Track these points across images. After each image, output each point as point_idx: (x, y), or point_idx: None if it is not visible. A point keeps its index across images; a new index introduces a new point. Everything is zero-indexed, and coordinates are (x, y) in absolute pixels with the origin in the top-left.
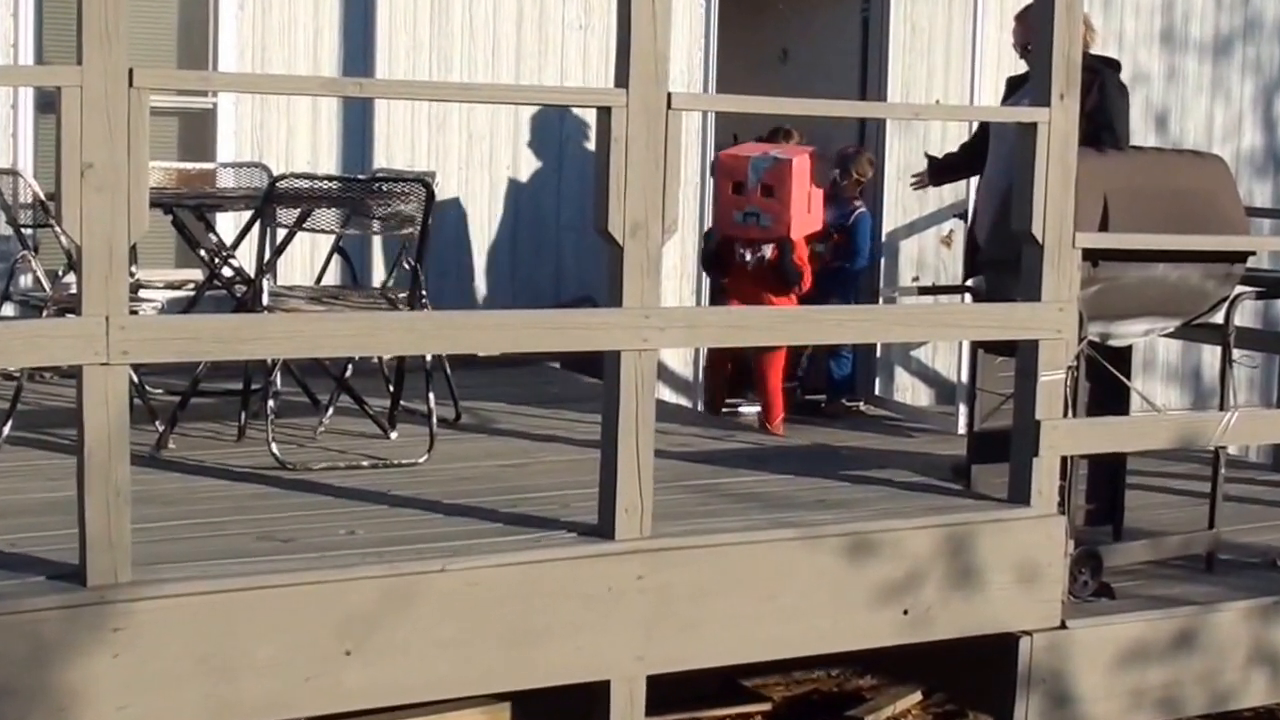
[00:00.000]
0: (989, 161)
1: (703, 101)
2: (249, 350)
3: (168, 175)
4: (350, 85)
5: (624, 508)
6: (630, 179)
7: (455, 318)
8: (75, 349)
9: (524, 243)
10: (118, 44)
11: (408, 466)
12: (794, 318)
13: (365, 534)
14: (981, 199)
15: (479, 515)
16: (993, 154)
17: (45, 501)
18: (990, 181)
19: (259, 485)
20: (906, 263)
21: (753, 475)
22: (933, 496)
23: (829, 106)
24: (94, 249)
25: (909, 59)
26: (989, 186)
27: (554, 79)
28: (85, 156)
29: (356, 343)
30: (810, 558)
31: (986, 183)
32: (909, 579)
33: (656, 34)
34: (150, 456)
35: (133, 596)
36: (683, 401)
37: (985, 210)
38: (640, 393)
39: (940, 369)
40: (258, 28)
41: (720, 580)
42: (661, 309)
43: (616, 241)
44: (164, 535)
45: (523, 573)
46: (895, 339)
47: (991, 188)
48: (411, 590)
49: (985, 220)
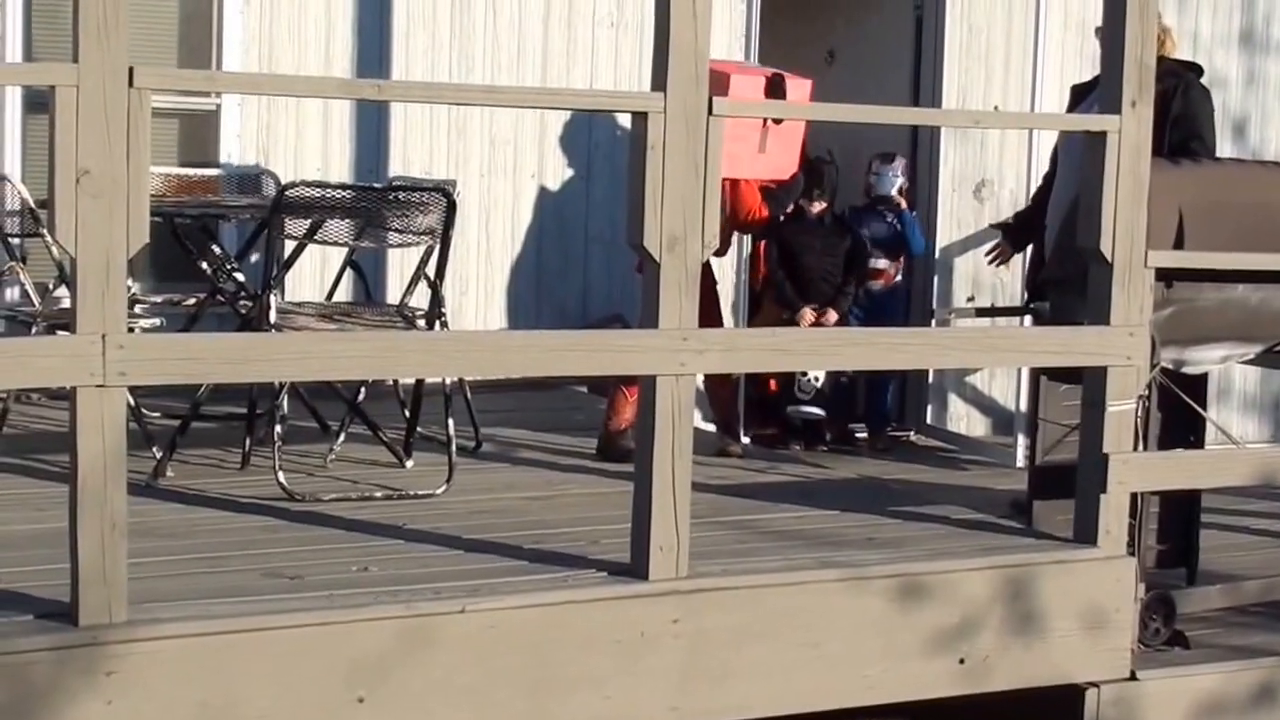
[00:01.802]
0: (1057, 178)
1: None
2: (256, 372)
3: (167, 182)
4: (368, 87)
5: (658, 545)
6: (668, 189)
7: (478, 338)
8: (68, 369)
9: (550, 256)
10: (117, 40)
11: (424, 498)
12: (844, 340)
13: (378, 571)
14: (1050, 216)
15: (501, 552)
16: (1061, 169)
17: (32, 533)
18: (1057, 197)
19: (264, 518)
20: (961, 281)
21: (795, 511)
22: (990, 535)
23: (880, 113)
24: (90, 261)
25: (966, 62)
26: (1056, 203)
27: (583, 79)
28: (81, 162)
29: (372, 364)
30: (858, 601)
31: (1054, 200)
32: (965, 625)
33: (697, 33)
34: (147, 485)
35: (128, 637)
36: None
37: (1052, 228)
38: (677, 420)
39: (997, 396)
40: (265, 23)
41: (761, 625)
42: (700, 330)
43: (652, 257)
44: (161, 571)
45: (548, 615)
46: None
47: (1059, 204)
48: (428, 632)
49: (1049, 240)
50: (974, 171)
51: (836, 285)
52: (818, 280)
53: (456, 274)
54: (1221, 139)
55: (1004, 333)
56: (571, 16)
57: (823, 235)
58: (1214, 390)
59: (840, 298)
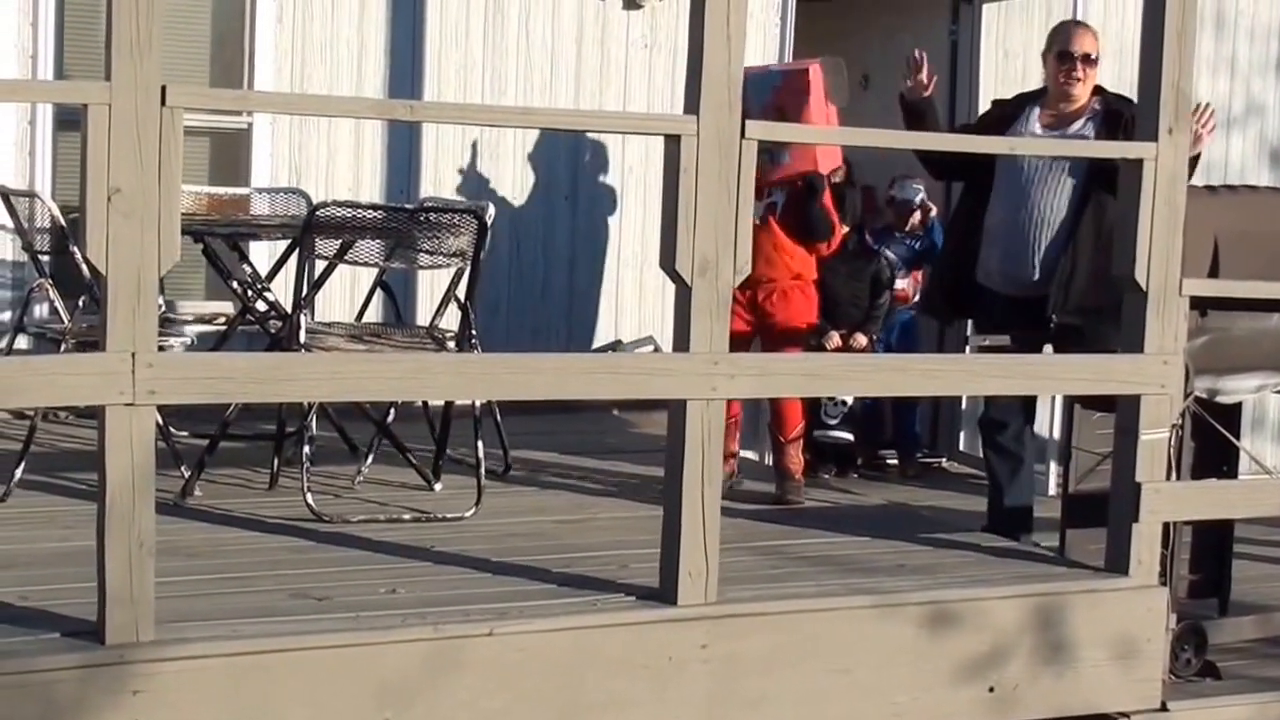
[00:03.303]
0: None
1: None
2: (287, 392)
3: (198, 201)
4: (400, 108)
5: (688, 570)
6: (700, 213)
7: (509, 361)
8: (98, 388)
9: (581, 278)
10: (149, 58)
11: (453, 521)
12: (878, 366)
13: (406, 593)
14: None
15: (529, 575)
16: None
17: (59, 551)
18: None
19: (292, 538)
20: None
21: (826, 537)
22: (1021, 563)
23: (914, 139)
24: (120, 279)
25: (1001, 87)
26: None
27: (616, 101)
28: (112, 180)
29: (402, 386)
30: (888, 628)
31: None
32: (995, 653)
33: (730, 57)
34: (174, 505)
35: (155, 657)
36: (748, 454)
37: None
38: (707, 445)
39: None
40: (297, 43)
41: (790, 651)
42: (731, 355)
43: (684, 280)
44: (189, 591)
45: (576, 639)
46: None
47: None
48: (456, 655)
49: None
50: None
51: (863, 308)
52: (845, 304)
53: (487, 295)
54: (1259, 166)
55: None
56: (605, 37)
57: (847, 259)
58: (1248, 420)
59: (868, 321)
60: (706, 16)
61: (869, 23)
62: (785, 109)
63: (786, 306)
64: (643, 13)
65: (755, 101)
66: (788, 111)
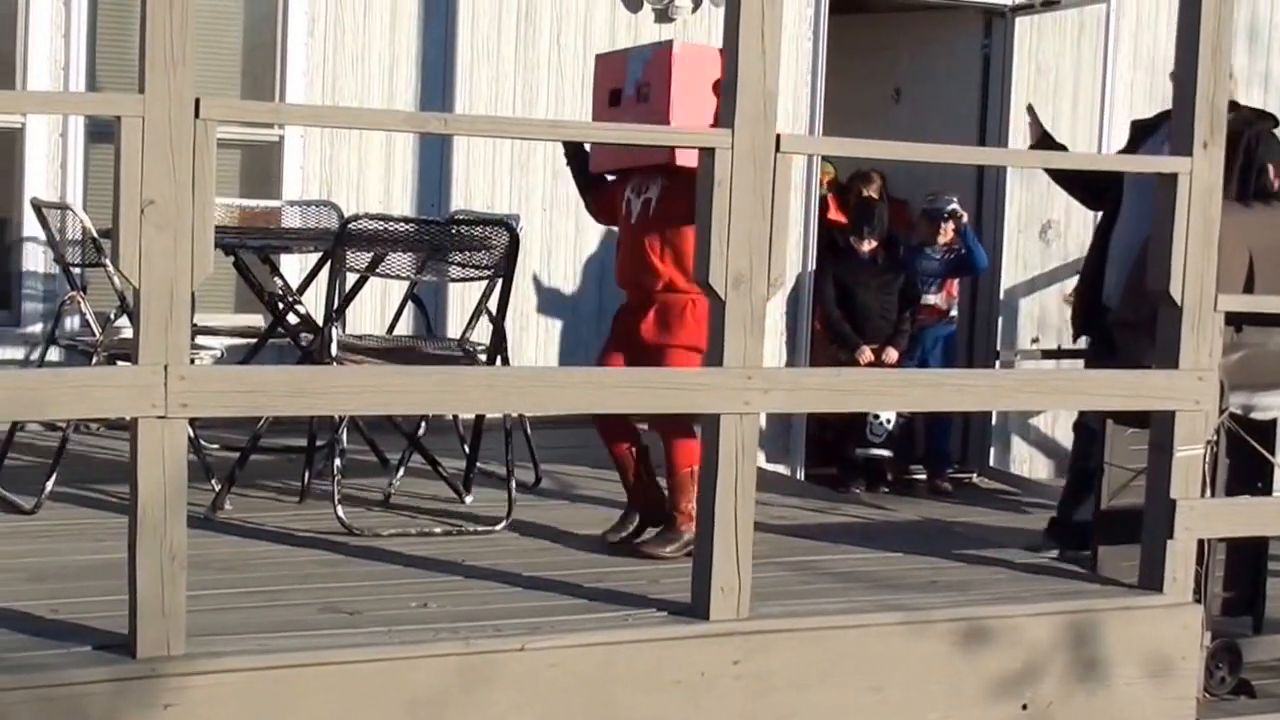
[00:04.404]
0: (1122, 215)
1: (813, 144)
2: (319, 405)
3: (230, 213)
4: (434, 121)
5: (720, 585)
6: (734, 227)
7: (541, 374)
8: (130, 400)
9: (611, 292)
10: (183, 71)
11: (484, 534)
12: (910, 381)
13: (438, 608)
14: (1114, 256)
15: (561, 590)
16: (1130, 209)
17: (90, 564)
18: (1121, 237)
19: (323, 552)
20: (1026, 322)
21: (857, 552)
22: (1054, 580)
23: (948, 152)
24: (153, 292)
25: (1034, 101)
26: (1119, 243)
27: None
28: (146, 192)
29: (434, 399)
30: (920, 644)
31: (1118, 238)
32: (1028, 670)
33: (765, 70)
34: (205, 518)
35: (186, 670)
36: (780, 469)
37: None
38: (740, 460)
39: (1061, 439)
40: (329, 55)
41: (822, 667)
42: (765, 369)
43: (718, 294)
44: (219, 604)
45: (608, 654)
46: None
47: (1123, 245)
48: (487, 670)
49: (1115, 280)
50: (1040, 212)
51: (893, 322)
52: (875, 318)
53: (518, 309)
54: None
55: (1071, 375)
56: None
57: (876, 273)
58: None
59: (898, 335)
60: (741, 30)
61: (901, 36)
62: (650, 85)
63: (660, 322)
64: (674, 26)
65: (632, 76)
66: (651, 88)
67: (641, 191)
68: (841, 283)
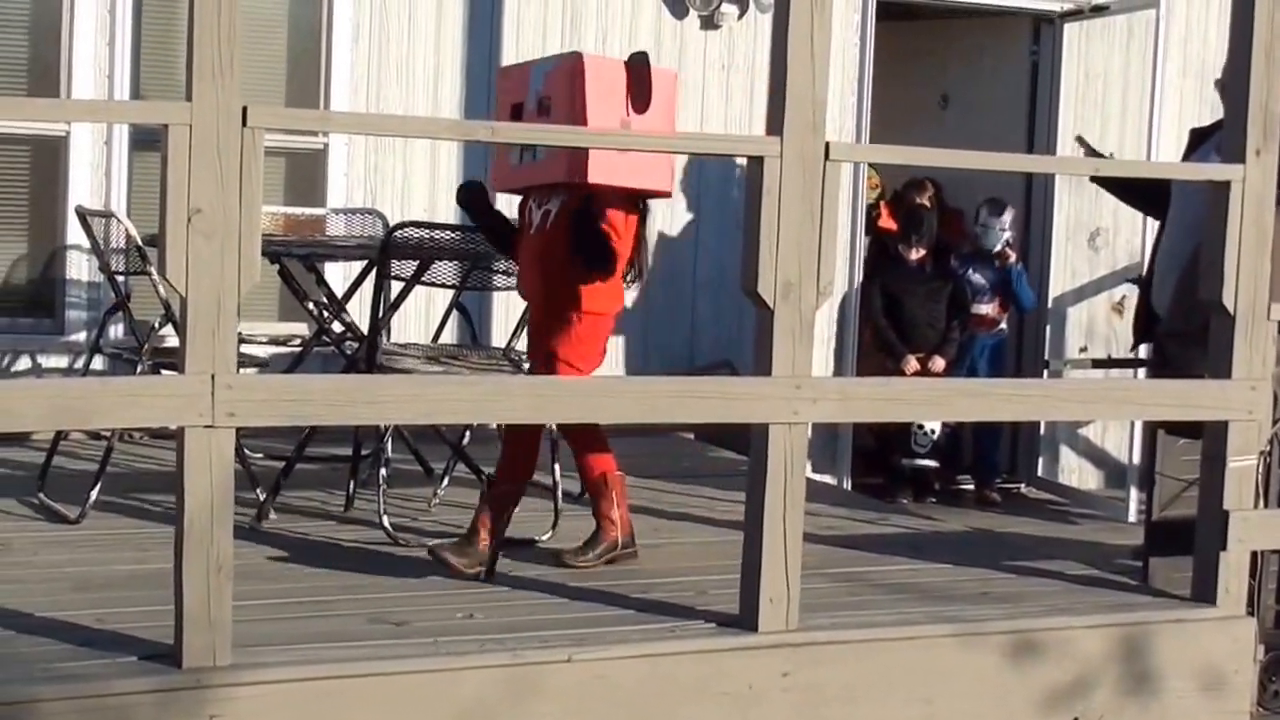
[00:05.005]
0: (1169, 222)
1: (862, 152)
2: (365, 414)
3: (274, 221)
4: (481, 129)
5: (769, 597)
6: (783, 235)
7: (586, 384)
8: (177, 409)
9: (656, 301)
10: (230, 80)
11: (529, 544)
12: (960, 391)
13: (484, 618)
14: (1162, 265)
15: (607, 601)
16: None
17: (135, 574)
18: (1172, 247)
19: (368, 562)
20: (1074, 330)
21: (907, 563)
22: (1106, 592)
23: (996, 160)
24: (200, 300)
25: (1081, 107)
26: (1170, 253)
27: (693, 121)
28: (193, 201)
29: (480, 408)
30: (971, 657)
31: (1168, 248)
32: (1079, 683)
33: (814, 77)
34: (250, 527)
35: (232, 681)
36: (826, 479)
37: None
38: (790, 470)
39: (1110, 449)
40: (373, 63)
41: (871, 680)
42: (814, 379)
43: (766, 303)
44: (265, 614)
45: (655, 666)
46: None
47: (1174, 254)
48: (534, 681)
49: (1166, 289)
50: (1088, 220)
51: (940, 332)
52: (922, 326)
53: None
54: None
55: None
56: (682, 58)
57: (924, 281)
58: None
59: (946, 344)
60: (790, 36)
61: (949, 42)
62: (552, 97)
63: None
64: (720, 33)
65: (532, 90)
66: (553, 100)
67: (543, 203)
68: (889, 291)
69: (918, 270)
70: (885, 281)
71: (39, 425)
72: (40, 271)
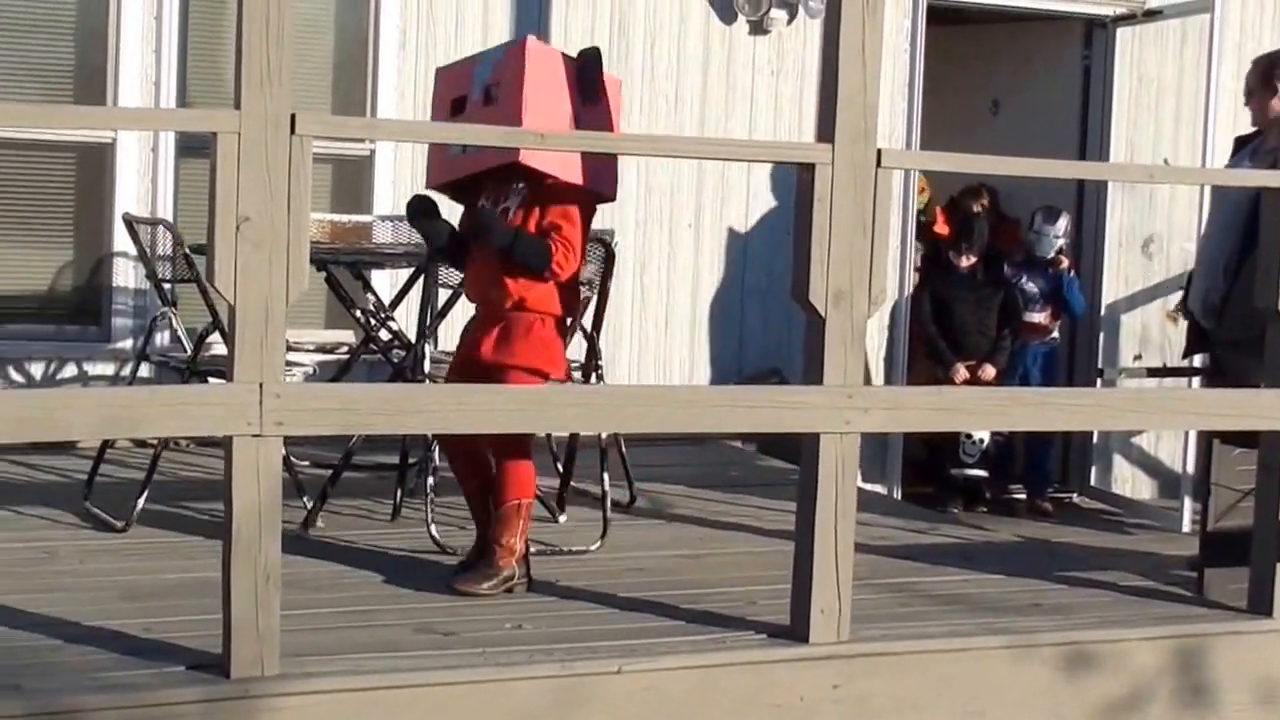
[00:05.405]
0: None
1: (914, 159)
2: (413, 423)
3: (321, 228)
4: (530, 137)
5: (820, 608)
6: (834, 243)
7: (638, 392)
8: (225, 418)
9: (705, 308)
10: (279, 88)
11: (578, 554)
12: (1014, 400)
13: (533, 629)
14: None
15: (657, 611)
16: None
17: (182, 583)
18: (1202, 253)
19: (416, 571)
20: (1128, 338)
21: (958, 574)
22: (1160, 604)
23: (1049, 166)
24: (248, 309)
25: (1135, 113)
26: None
27: (741, 127)
28: (241, 209)
29: (528, 418)
30: (1023, 669)
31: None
32: (1133, 696)
33: (866, 84)
34: (297, 536)
35: (280, 691)
36: (876, 488)
37: (1198, 284)
38: (841, 480)
39: (1164, 458)
40: (420, 68)
41: (923, 692)
42: (865, 388)
43: (818, 312)
44: (312, 624)
45: (705, 677)
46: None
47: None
48: (584, 692)
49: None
50: (1142, 226)
51: (991, 339)
52: (973, 334)
53: (610, 325)
54: None
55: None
56: (731, 64)
57: (975, 288)
58: None
59: (997, 353)
60: (841, 42)
61: (1000, 47)
62: (500, 83)
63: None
64: (769, 38)
65: (478, 81)
66: (499, 90)
67: (499, 202)
68: (940, 298)
69: (969, 277)
70: (936, 288)
71: (88, 435)
72: (86, 279)
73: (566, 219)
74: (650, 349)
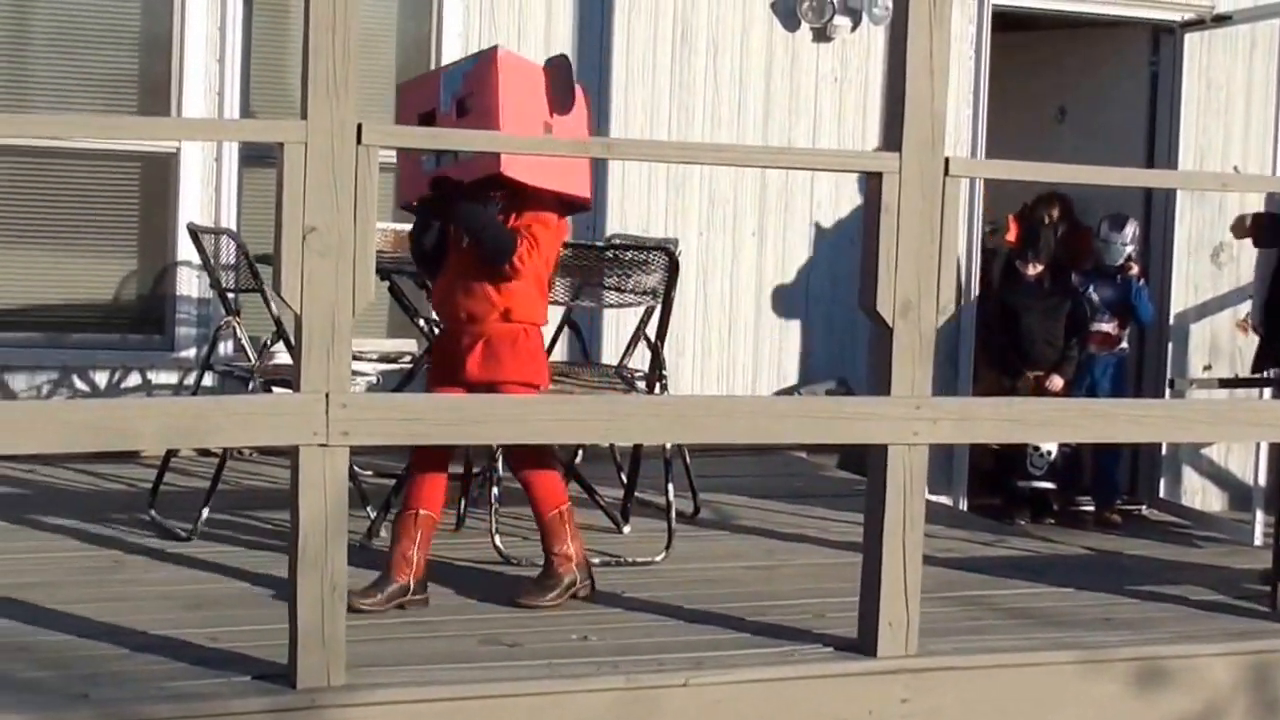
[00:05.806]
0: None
1: (982, 168)
2: (477, 434)
3: (384, 237)
4: (597, 146)
5: (888, 621)
6: (902, 253)
7: (705, 403)
8: (292, 428)
9: (769, 317)
10: (346, 98)
11: (643, 565)
12: (1083, 412)
13: (598, 640)
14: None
15: (723, 623)
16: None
17: (248, 592)
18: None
19: (480, 581)
20: (1197, 348)
21: (1027, 587)
22: (1232, 618)
23: (1116, 174)
24: (315, 319)
25: (1204, 119)
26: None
27: (805, 135)
28: (308, 219)
29: (593, 428)
30: (1094, 685)
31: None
32: (1207, 712)
33: (934, 92)
34: (361, 545)
35: (346, 701)
36: (942, 500)
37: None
38: (909, 492)
39: (1234, 469)
40: None
41: (992, 707)
42: (933, 399)
43: (885, 322)
44: (377, 634)
45: (772, 691)
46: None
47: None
48: (650, 705)
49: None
50: (1211, 234)
51: (1059, 349)
52: (1040, 344)
53: (673, 334)
54: None
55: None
56: (794, 71)
57: (1042, 297)
58: None
59: (1064, 363)
60: (909, 49)
61: (1065, 54)
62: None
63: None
64: (833, 45)
65: (447, 93)
66: (473, 101)
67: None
68: (1008, 306)
69: (1036, 286)
70: (1002, 297)
71: (154, 445)
72: (150, 288)
73: (539, 222)
74: (714, 358)
